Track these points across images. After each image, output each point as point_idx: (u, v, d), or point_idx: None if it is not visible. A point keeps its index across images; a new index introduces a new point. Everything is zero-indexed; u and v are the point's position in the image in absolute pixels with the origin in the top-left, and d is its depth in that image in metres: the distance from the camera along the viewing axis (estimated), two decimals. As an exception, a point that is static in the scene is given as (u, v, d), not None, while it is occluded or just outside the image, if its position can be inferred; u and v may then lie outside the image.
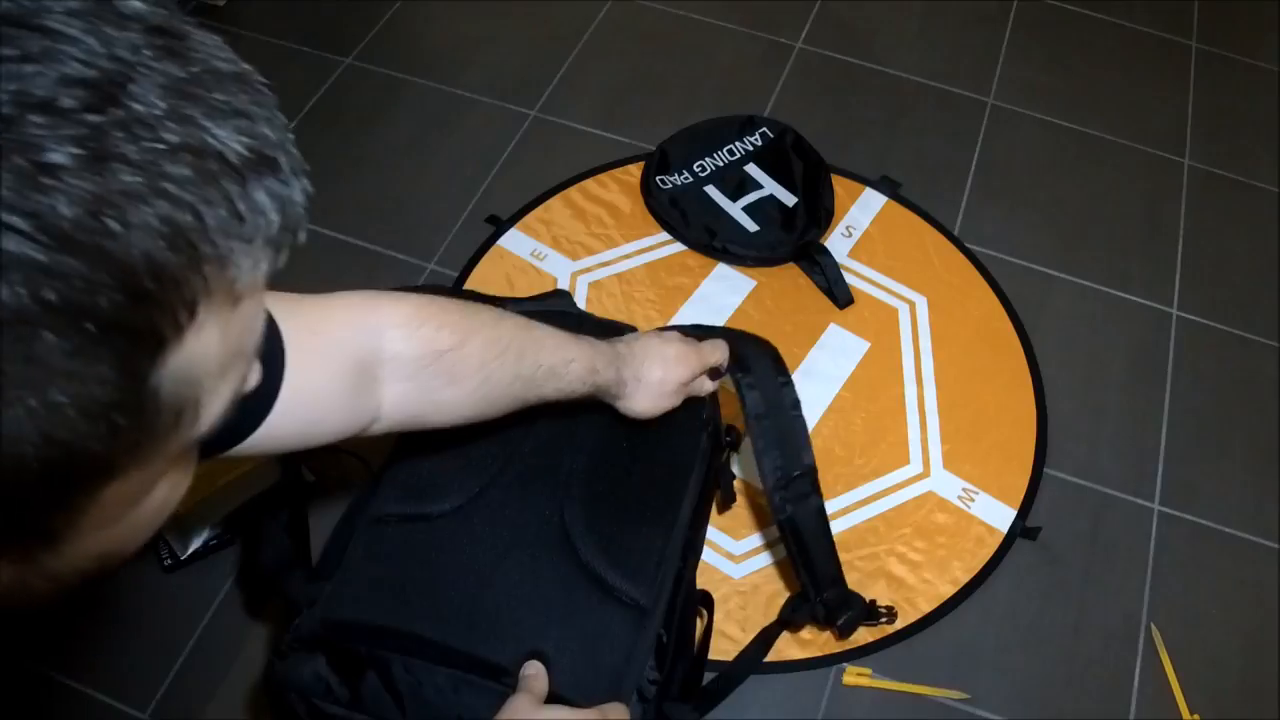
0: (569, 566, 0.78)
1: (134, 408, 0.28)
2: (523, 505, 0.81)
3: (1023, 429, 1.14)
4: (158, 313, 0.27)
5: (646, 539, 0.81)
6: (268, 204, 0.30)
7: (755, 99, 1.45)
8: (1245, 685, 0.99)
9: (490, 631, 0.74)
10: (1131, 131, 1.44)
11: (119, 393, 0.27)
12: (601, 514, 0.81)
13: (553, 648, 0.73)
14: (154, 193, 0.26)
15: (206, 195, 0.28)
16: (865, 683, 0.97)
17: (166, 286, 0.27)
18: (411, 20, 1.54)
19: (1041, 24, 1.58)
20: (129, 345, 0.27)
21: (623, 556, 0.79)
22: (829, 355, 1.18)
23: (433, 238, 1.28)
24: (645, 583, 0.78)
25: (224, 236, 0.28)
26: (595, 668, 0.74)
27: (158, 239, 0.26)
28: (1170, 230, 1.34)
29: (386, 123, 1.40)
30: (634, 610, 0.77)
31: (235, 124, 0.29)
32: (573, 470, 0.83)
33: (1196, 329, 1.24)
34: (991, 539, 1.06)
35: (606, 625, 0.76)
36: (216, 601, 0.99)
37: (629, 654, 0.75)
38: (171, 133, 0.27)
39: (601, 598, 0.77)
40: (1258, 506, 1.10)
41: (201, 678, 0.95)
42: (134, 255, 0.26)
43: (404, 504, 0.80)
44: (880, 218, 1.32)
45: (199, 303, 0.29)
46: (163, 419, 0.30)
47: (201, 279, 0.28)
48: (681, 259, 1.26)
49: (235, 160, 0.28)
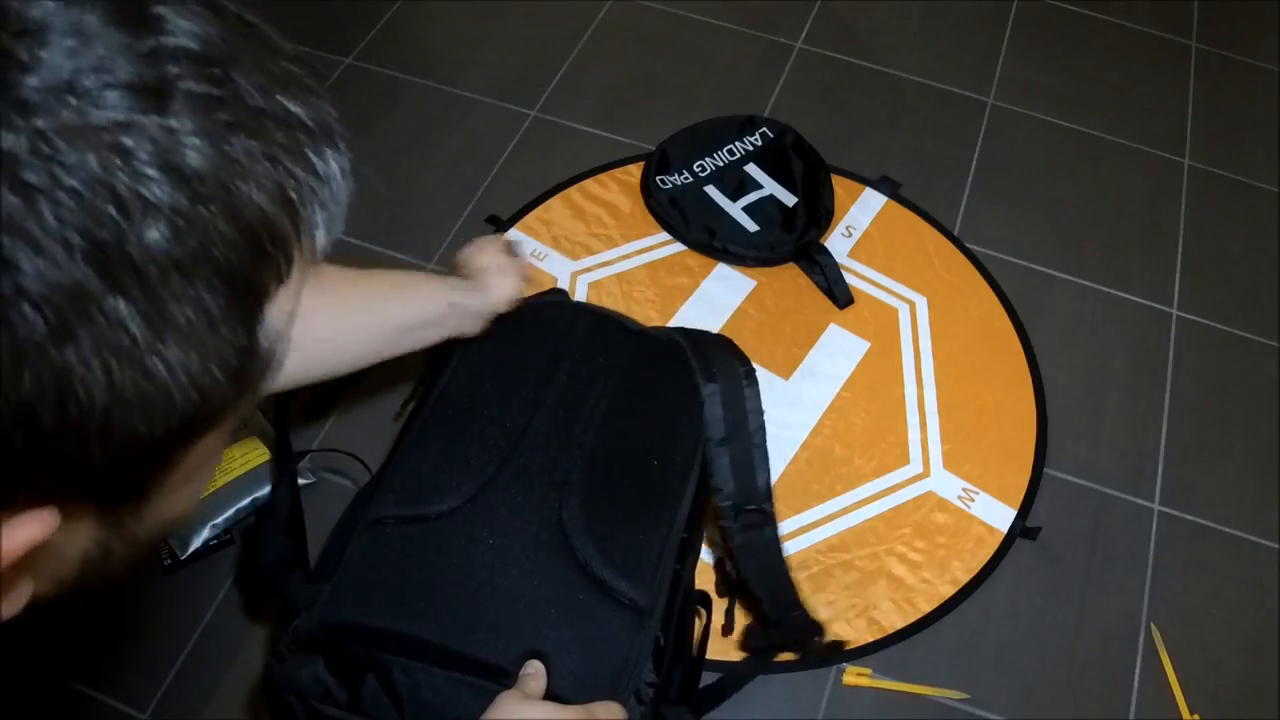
0: (567, 567, 0.77)
1: (251, 360, 0.32)
2: (521, 505, 0.80)
3: (1023, 429, 1.14)
4: (270, 268, 0.31)
5: (644, 539, 0.81)
6: (336, 172, 0.33)
7: (755, 99, 1.45)
8: (1245, 685, 0.99)
9: (490, 633, 0.74)
10: (1132, 131, 1.44)
11: (245, 344, 0.31)
12: (599, 514, 0.80)
13: (552, 649, 0.73)
14: (264, 157, 0.30)
15: (299, 161, 0.31)
16: (865, 683, 0.97)
17: (277, 243, 0.31)
18: (411, 20, 1.54)
19: (1042, 24, 1.58)
20: (253, 299, 0.31)
21: (621, 557, 0.79)
22: (829, 355, 1.18)
23: (432, 237, 1.28)
24: (643, 583, 0.78)
25: (313, 199, 0.32)
26: (594, 669, 0.74)
27: (270, 199, 0.30)
28: (1170, 230, 1.34)
29: (386, 122, 1.40)
30: (632, 611, 0.77)
31: (306, 99, 0.32)
32: (570, 470, 0.83)
33: (1197, 329, 1.24)
34: (991, 539, 1.06)
35: (605, 626, 0.76)
36: (216, 602, 0.99)
37: (627, 655, 0.75)
38: (269, 104, 0.30)
39: (600, 599, 0.76)
40: (1258, 506, 1.10)
41: (201, 678, 0.95)
42: (253, 212, 0.29)
43: (402, 505, 0.80)
44: (880, 218, 1.32)
45: (294, 260, 0.32)
46: (260, 371, 0.33)
47: (297, 238, 0.31)
48: (681, 259, 1.26)
49: (314, 129, 0.32)
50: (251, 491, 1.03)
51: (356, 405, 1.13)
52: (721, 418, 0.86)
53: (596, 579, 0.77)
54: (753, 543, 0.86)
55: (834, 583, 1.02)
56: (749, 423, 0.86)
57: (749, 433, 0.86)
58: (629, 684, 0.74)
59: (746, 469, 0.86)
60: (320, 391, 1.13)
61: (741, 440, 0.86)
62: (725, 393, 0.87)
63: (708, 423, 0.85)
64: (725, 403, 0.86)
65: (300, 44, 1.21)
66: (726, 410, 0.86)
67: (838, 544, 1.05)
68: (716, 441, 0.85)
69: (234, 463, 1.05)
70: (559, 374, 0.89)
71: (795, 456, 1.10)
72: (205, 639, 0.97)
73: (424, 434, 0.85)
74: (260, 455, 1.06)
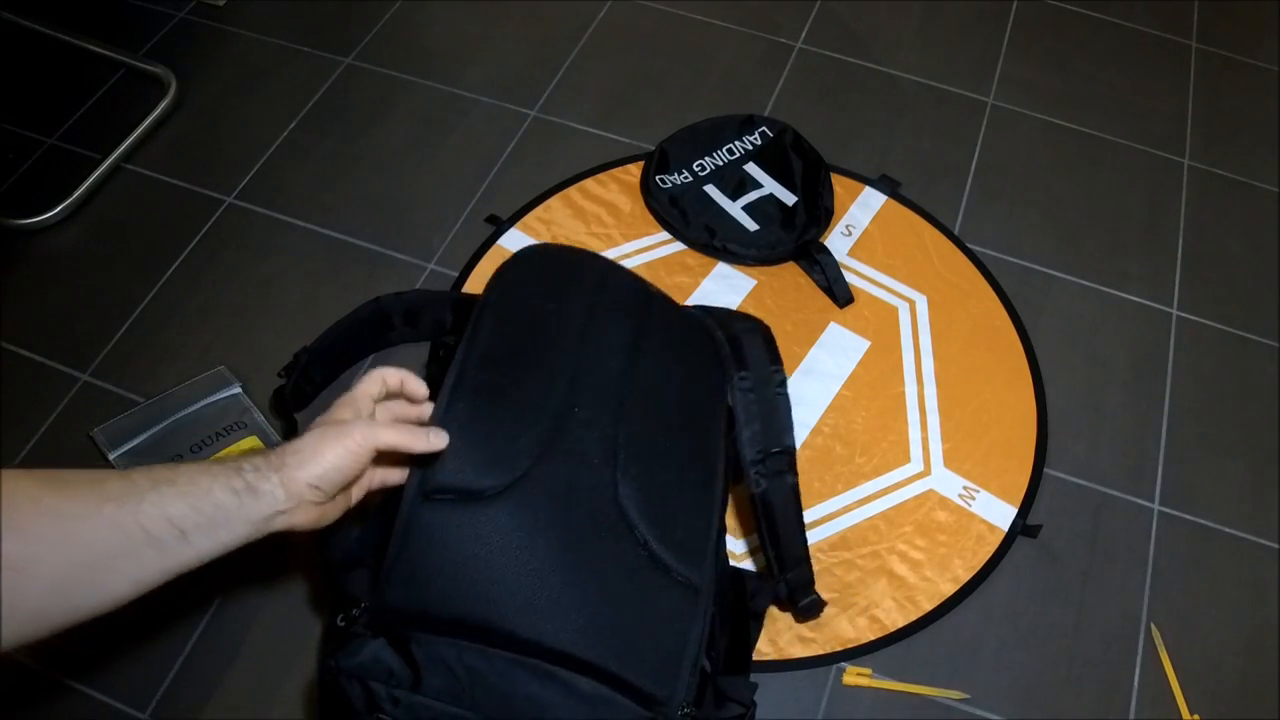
0: (628, 547, 0.76)
1: None
2: (575, 481, 0.76)
3: (1023, 427, 1.14)
4: None
5: (694, 515, 0.80)
6: None
7: (755, 98, 1.45)
8: (1245, 685, 0.99)
9: (551, 613, 0.71)
10: (1131, 131, 1.44)
11: None
12: (653, 491, 0.78)
13: (617, 631, 0.72)
14: None
15: None
16: (865, 683, 0.97)
17: None
18: (411, 20, 1.54)
19: (1041, 24, 1.58)
20: None
21: (677, 535, 0.77)
22: (829, 354, 1.18)
23: (432, 237, 1.28)
24: (697, 562, 0.77)
25: None
26: (657, 649, 0.73)
27: None
28: (1170, 230, 1.34)
29: (386, 122, 1.40)
30: (689, 590, 0.76)
31: None
32: (618, 440, 0.79)
33: (1196, 329, 1.24)
34: (992, 537, 1.06)
35: (667, 606, 0.75)
36: (218, 600, 0.99)
37: (688, 633, 0.74)
38: None
39: (662, 579, 0.75)
40: (1258, 506, 1.10)
41: (201, 678, 0.95)
42: None
43: (453, 477, 0.74)
44: (880, 217, 1.32)
45: None
46: None
47: None
48: (681, 258, 1.26)
49: None
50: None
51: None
52: (749, 368, 0.86)
53: (659, 560, 0.75)
54: (775, 490, 0.86)
55: (835, 581, 1.02)
56: (772, 377, 0.87)
57: (772, 384, 0.87)
58: (691, 662, 0.73)
59: (772, 416, 0.86)
60: (324, 379, 1.13)
61: (766, 389, 0.87)
62: (750, 347, 0.87)
63: (735, 376, 0.86)
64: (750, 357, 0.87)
65: (300, 44, 1.22)
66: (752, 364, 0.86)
67: (839, 542, 1.05)
68: (744, 388, 0.85)
69: (234, 462, 1.05)
70: (592, 334, 0.86)
71: (795, 456, 1.10)
72: (205, 638, 0.97)
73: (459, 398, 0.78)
74: (260, 454, 1.06)
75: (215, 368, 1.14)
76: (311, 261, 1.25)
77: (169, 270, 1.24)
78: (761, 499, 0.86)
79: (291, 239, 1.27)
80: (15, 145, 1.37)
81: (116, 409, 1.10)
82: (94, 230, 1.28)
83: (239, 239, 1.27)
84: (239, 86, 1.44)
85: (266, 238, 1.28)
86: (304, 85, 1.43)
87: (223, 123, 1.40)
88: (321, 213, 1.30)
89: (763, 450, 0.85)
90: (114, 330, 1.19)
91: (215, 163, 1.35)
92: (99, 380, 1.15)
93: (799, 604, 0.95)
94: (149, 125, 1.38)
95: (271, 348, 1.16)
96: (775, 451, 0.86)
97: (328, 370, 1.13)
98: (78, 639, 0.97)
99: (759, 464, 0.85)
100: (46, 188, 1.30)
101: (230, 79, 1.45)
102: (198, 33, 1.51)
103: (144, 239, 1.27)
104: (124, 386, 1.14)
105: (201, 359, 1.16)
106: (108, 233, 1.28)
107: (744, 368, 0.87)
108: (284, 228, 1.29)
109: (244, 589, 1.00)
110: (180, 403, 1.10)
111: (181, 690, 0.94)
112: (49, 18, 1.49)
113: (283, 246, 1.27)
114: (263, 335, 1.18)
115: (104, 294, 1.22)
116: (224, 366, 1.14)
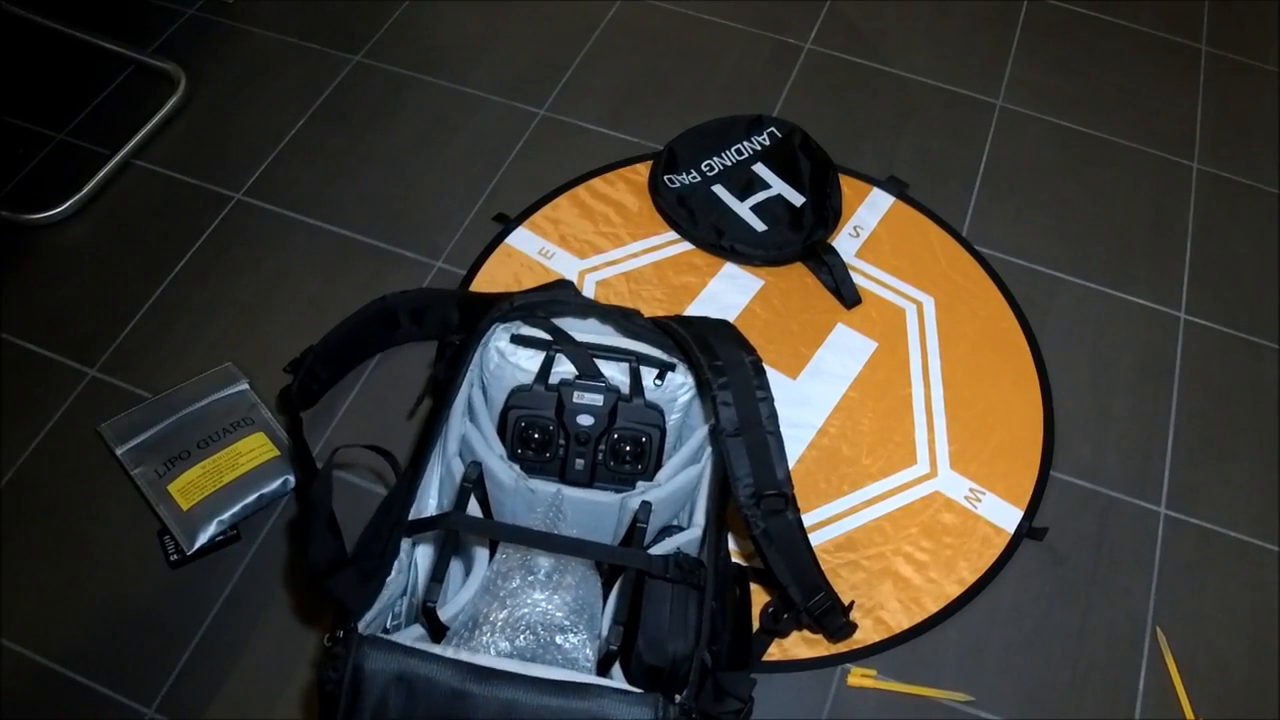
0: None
1: None
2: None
3: (1029, 430, 1.14)
4: None
5: None
6: None
7: (763, 99, 1.45)
8: (1250, 689, 0.99)
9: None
10: (1140, 134, 1.44)
11: None
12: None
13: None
14: None
15: None
16: (870, 684, 0.97)
17: None
18: (420, 18, 1.54)
19: (1050, 26, 1.58)
20: None
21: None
22: (836, 355, 1.18)
23: (440, 236, 1.28)
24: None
25: None
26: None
27: None
28: (1178, 234, 1.34)
29: (394, 121, 1.40)
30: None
31: None
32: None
33: (1204, 333, 1.24)
34: (998, 539, 1.06)
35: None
36: (222, 597, 1.00)
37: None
38: None
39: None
40: (1264, 510, 1.10)
41: (207, 673, 0.95)
42: None
43: None
44: (888, 218, 1.32)
45: None
46: None
47: None
48: (689, 258, 1.27)
49: None
50: (258, 487, 1.03)
51: (363, 402, 1.13)
52: (734, 408, 0.85)
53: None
54: (775, 528, 0.86)
55: (841, 582, 1.02)
56: (761, 411, 0.86)
57: (762, 421, 0.86)
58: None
59: (763, 456, 0.85)
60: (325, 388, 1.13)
61: (755, 429, 0.86)
62: (735, 384, 0.86)
63: (719, 419, 0.85)
64: (736, 395, 0.86)
65: (309, 41, 1.22)
66: (738, 401, 0.85)
67: (845, 543, 1.05)
68: (730, 433, 0.85)
69: (241, 458, 1.05)
70: None
71: (802, 456, 1.10)
72: (211, 634, 0.97)
73: None
74: (267, 451, 1.06)
75: (222, 364, 1.14)
76: (319, 259, 1.25)
77: (177, 266, 1.25)
78: (763, 537, 0.86)
79: (299, 236, 1.28)
80: (25, 141, 1.38)
81: (124, 404, 1.11)
82: (102, 226, 1.29)
83: (247, 235, 1.28)
84: (248, 83, 1.44)
85: (274, 234, 1.28)
86: (313, 83, 1.44)
87: (232, 120, 1.40)
88: (329, 210, 1.30)
89: (755, 494, 0.85)
90: (122, 326, 1.19)
91: (224, 159, 1.36)
92: (106, 375, 1.15)
93: (830, 631, 0.95)
94: (158, 122, 1.38)
95: (279, 344, 1.17)
96: (769, 494, 0.85)
97: (334, 369, 1.13)
98: (83, 633, 0.97)
99: (753, 506, 0.85)
100: (55, 183, 1.31)
101: (239, 76, 1.45)
102: (207, 30, 1.51)
103: (152, 235, 1.28)
104: (131, 382, 1.14)
105: (209, 355, 1.16)
106: (116, 229, 1.28)
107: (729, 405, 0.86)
108: (292, 225, 1.29)
109: (251, 587, 1.00)
110: (187, 398, 1.10)
111: (186, 686, 0.95)
112: (59, 14, 1.49)
113: (290, 243, 1.27)
114: (270, 332, 1.18)
115: (112, 290, 1.22)
116: (231, 363, 1.14)
